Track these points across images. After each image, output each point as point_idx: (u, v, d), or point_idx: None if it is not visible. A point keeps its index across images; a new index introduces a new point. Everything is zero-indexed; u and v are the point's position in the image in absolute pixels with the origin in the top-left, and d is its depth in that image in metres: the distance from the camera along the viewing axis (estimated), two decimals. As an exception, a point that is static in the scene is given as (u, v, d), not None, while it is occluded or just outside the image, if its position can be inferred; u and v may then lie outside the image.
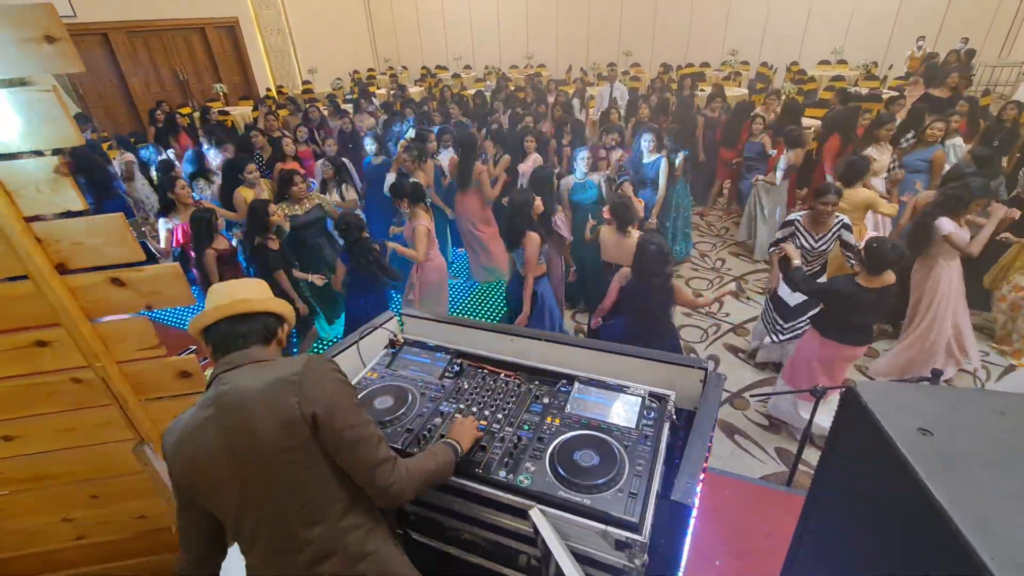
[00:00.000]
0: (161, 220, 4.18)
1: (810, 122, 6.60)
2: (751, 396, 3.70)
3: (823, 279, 3.54)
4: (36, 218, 1.47)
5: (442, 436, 1.50)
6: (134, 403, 1.78)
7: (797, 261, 3.06)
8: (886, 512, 0.66)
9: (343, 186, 4.83)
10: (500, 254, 5.11)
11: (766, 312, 3.79)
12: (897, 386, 0.70)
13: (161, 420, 1.85)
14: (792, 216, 3.51)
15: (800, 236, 3.42)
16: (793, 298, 3.55)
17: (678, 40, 12.99)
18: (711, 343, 4.33)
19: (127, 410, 1.77)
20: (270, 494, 1.18)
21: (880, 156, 4.67)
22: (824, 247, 3.39)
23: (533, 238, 3.30)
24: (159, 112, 7.90)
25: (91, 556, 2.14)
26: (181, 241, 4.17)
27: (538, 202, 3.36)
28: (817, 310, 3.21)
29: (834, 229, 3.34)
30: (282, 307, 1.36)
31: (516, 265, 3.51)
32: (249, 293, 1.31)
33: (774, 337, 3.71)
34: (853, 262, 3.32)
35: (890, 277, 2.78)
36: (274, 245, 3.70)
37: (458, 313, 4.87)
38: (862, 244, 2.77)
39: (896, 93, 6.59)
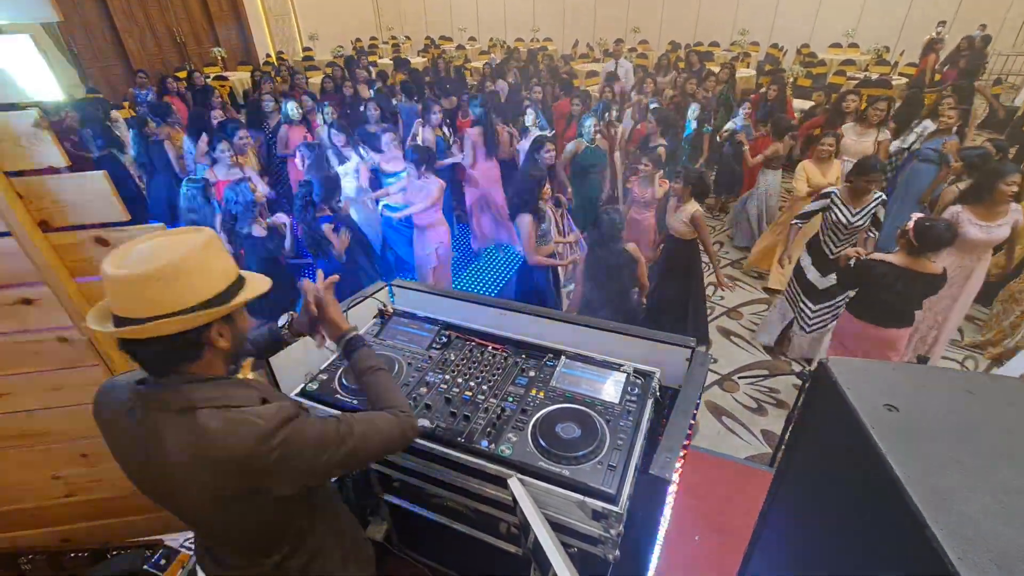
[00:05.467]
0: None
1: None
2: (739, 378, 3.73)
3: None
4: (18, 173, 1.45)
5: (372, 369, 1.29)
6: (121, 364, 1.78)
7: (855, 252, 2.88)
8: (849, 486, 0.67)
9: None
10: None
11: (793, 297, 3.70)
12: (868, 363, 0.70)
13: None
14: (830, 189, 3.44)
15: (837, 210, 3.34)
16: (823, 281, 3.51)
17: (687, 18, 12.69)
18: (704, 325, 4.35)
19: (114, 371, 1.78)
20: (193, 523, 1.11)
21: (858, 137, 4.55)
22: (860, 222, 3.32)
23: (525, 221, 3.24)
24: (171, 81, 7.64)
25: (81, 513, 2.17)
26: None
27: (547, 187, 3.32)
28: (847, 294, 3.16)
29: (871, 204, 3.28)
30: (199, 319, 0.91)
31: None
32: (146, 294, 0.87)
33: (804, 327, 3.63)
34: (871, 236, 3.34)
35: (935, 267, 2.63)
36: (260, 232, 3.48)
37: (461, 285, 4.92)
38: (911, 224, 2.61)
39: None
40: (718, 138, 5.76)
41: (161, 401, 0.96)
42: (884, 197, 3.31)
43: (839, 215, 3.33)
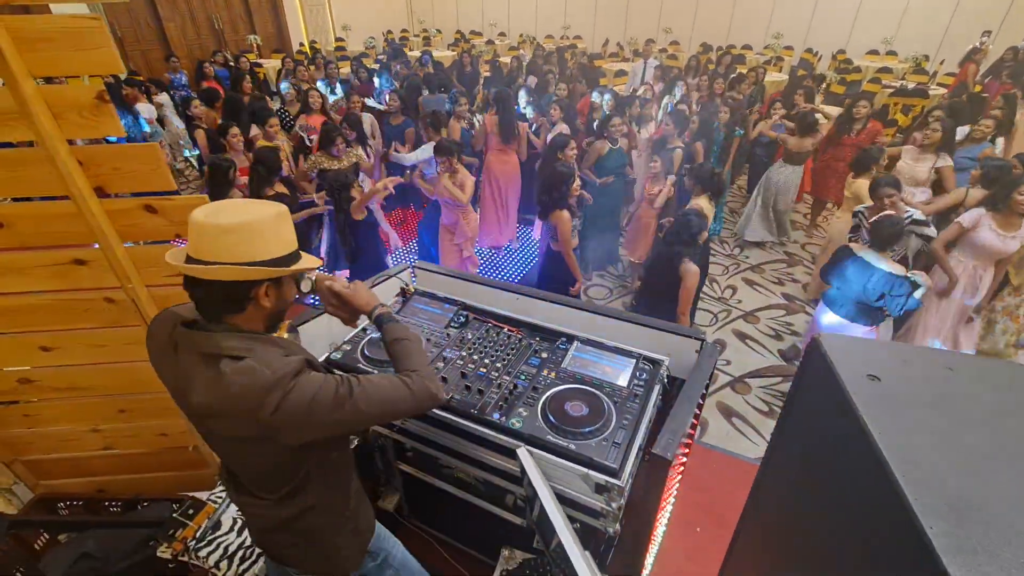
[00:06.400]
0: None
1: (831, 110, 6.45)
2: (750, 381, 3.74)
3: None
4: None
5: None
6: (160, 326, 1.90)
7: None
8: (829, 451, 0.72)
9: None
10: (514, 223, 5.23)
11: None
12: (858, 339, 0.75)
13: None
14: (858, 208, 3.52)
15: (864, 229, 3.40)
16: None
17: (721, 20, 12.52)
18: (720, 327, 4.35)
19: (154, 332, 1.90)
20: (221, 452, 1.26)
21: (914, 162, 4.35)
22: None
23: (564, 217, 3.29)
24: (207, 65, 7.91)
25: (117, 466, 2.32)
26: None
27: (577, 182, 3.39)
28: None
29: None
30: (254, 273, 1.05)
31: (548, 239, 3.54)
32: (219, 242, 1.01)
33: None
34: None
35: (894, 264, 2.78)
36: (281, 188, 3.78)
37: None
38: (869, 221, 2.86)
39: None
40: (746, 142, 5.74)
41: (194, 343, 1.08)
42: (917, 216, 3.32)
43: (864, 234, 3.38)
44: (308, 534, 1.31)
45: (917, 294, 2.73)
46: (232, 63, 8.44)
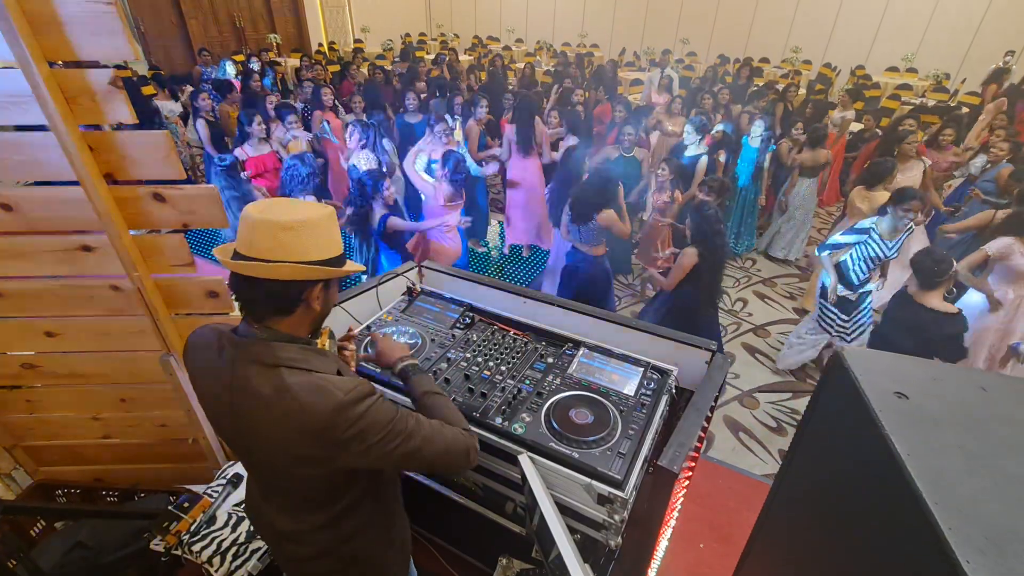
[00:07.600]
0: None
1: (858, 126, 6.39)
2: (759, 396, 3.67)
3: (875, 284, 3.49)
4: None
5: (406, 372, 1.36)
6: (164, 316, 1.89)
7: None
8: (852, 470, 0.68)
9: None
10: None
11: (826, 318, 3.63)
12: (882, 355, 0.71)
13: (187, 335, 1.97)
14: (869, 224, 3.36)
15: (874, 245, 3.28)
16: (851, 293, 3.48)
17: (739, 32, 12.48)
18: (729, 340, 4.28)
19: (158, 322, 1.89)
20: (269, 471, 1.17)
21: (907, 172, 4.36)
22: (894, 255, 3.29)
23: (612, 213, 3.30)
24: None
25: (115, 455, 2.30)
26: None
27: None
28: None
29: (903, 235, 3.26)
30: (313, 273, 1.01)
31: (574, 243, 3.50)
32: (277, 239, 0.97)
33: (844, 337, 3.59)
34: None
35: (944, 303, 2.56)
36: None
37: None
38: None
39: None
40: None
41: (252, 353, 1.02)
42: (913, 228, 3.25)
43: (876, 249, 3.29)
44: (358, 552, 1.25)
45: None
46: (249, 62, 8.59)
